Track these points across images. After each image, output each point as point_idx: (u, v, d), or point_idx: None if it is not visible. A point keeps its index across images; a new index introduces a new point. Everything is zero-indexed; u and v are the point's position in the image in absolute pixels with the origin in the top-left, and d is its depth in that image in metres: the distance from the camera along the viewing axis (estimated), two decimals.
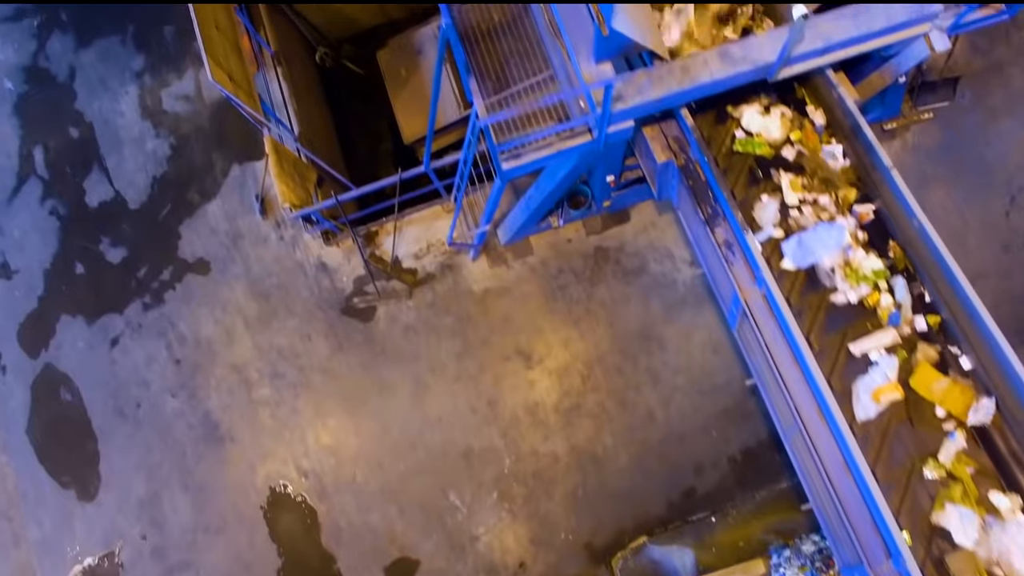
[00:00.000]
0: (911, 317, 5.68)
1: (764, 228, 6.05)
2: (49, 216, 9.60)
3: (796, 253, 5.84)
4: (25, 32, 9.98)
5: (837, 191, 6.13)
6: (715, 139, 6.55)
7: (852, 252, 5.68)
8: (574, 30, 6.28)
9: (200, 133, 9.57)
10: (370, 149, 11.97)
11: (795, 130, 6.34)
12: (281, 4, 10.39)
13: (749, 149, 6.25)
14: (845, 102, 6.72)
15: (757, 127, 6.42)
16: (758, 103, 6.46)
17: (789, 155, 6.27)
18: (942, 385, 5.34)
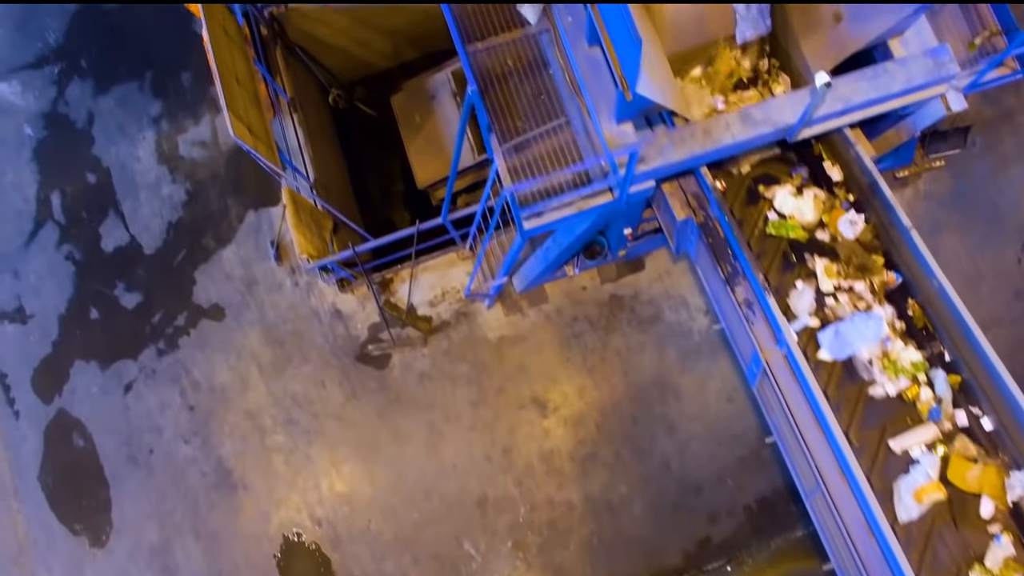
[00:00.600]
0: (952, 412, 5.65)
1: (800, 317, 6.00)
2: (65, 261, 9.63)
3: (833, 344, 5.78)
4: (46, 79, 10.08)
5: (872, 277, 6.08)
6: (747, 220, 6.54)
7: (890, 343, 5.66)
8: (594, 88, 6.35)
9: (216, 179, 9.63)
10: (383, 191, 12.03)
11: (827, 212, 6.35)
12: (297, 49, 10.51)
13: (783, 232, 6.25)
14: (863, 160, 6.78)
15: (790, 209, 6.42)
16: (791, 184, 6.49)
17: (823, 238, 6.28)
18: (975, 473, 5.30)
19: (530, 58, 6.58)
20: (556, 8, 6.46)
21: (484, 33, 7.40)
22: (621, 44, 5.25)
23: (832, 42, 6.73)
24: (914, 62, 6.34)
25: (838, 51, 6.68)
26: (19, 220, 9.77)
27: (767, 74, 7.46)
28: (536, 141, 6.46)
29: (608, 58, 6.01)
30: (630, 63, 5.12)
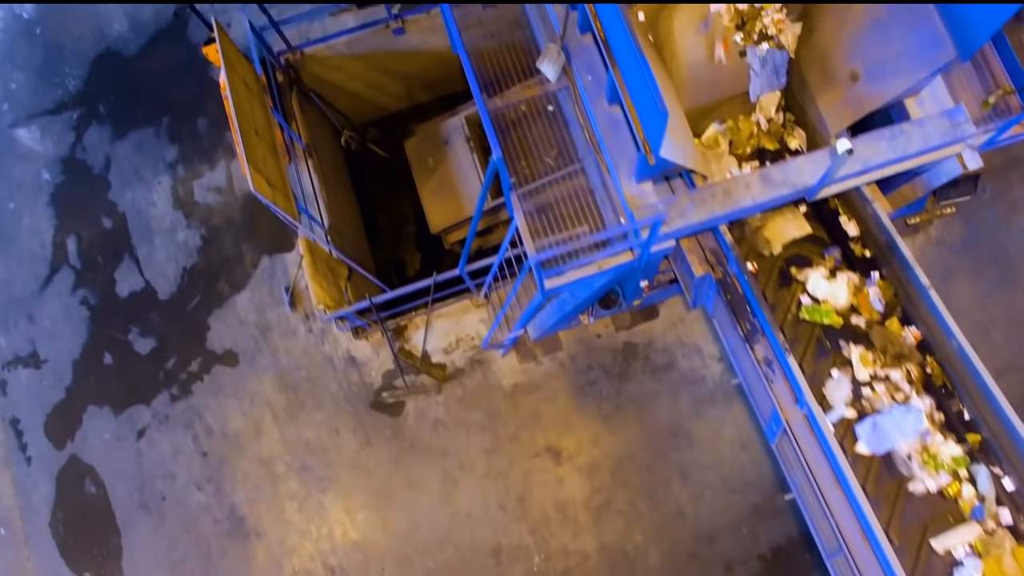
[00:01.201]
0: (995, 510, 5.61)
1: (836, 407, 5.96)
2: (80, 305, 9.65)
3: (871, 438, 5.74)
4: (65, 124, 10.16)
5: (908, 365, 6.06)
6: (780, 304, 6.51)
7: (930, 437, 5.64)
8: (614, 146, 6.40)
9: (231, 224, 9.68)
10: (394, 231, 12.08)
11: (858, 295, 6.36)
12: (311, 93, 10.60)
13: (816, 318, 6.24)
14: (880, 218, 6.82)
15: (823, 293, 6.38)
16: (823, 267, 6.49)
17: (858, 324, 6.27)
18: (1012, 567, 5.26)
19: (550, 115, 6.64)
20: (576, 66, 6.53)
21: (504, 88, 7.51)
22: (645, 112, 5.30)
23: (849, 101, 6.80)
24: (931, 123, 6.40)
25: (855, 110, 6.75)
26: (35, 265, 9.80)
27: (782, 127, 7.55)
28: (556, 198, 6.51)
29: (629, 120, 6.07)
30: (654, 131, 5.17)
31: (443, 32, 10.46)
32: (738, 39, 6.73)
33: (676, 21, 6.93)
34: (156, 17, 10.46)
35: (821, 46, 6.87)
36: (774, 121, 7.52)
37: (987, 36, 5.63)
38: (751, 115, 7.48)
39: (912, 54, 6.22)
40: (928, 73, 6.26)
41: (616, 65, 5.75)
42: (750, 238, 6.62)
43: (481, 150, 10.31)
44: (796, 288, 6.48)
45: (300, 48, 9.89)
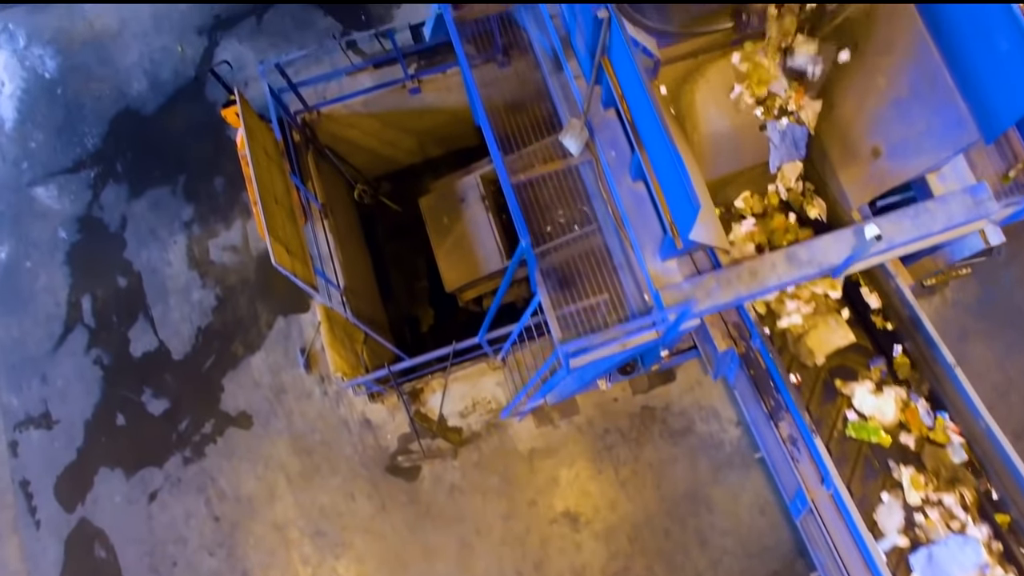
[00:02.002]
0: None
1: (888, 535, 5.80)
2: (93, 365, 9.61)
3: (927, 571, 5.56)
4: (82, 183, 10.21)
5: (962, 489, 5.92)
6: (825, 420, 6.35)
7: (989, 571, 5.54)
8: (638, 223, 6.40)
9: (246, 284, 9.67)
10: (407, 286, 12.08)
11: (906, 410, 6.29)
12: (326, 150, 10.67)
13: (864, 436, 6.11)
14: (903, 293, 6.80)
15: (870, 409, 6.25)
16: (869, 380, 6.43)
17: (908, 443, 6.19)
18: None
19: (572, 189, 6.66)
20: (599, 142, 6.56)
21: (521, 147, 7.55)
22: (675, 201, 5.31)
23: (871, 176, 6.81)
24: (954, 200, 6.40)
25: (877, 185, 6.76)
26: (50, 324, 9.78)
27: (802, 196, 7.56)
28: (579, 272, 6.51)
29: (654, 197, 6.09)
30: (684, 220, 5.17)
31: (458, 91, 10.57)
32: (758, 114, 6.79)
33: (698, 94, 6.99)
34: (175, 77, 10.55)
35: (842, 121, 6.91)
36: (793, 190, 7.54)
37: (1012, 121, 5.65)
38: (771, 184, 7.52)
39: (935, 134, 6.24)
40: (951, 153, 6.29)
41: (643, 148, 5.77)
42: (792, 347, 6.58)
43: (496, 208, 10.34)
44: (841, 402, 6.33)
45: (317, 108, 9.97)
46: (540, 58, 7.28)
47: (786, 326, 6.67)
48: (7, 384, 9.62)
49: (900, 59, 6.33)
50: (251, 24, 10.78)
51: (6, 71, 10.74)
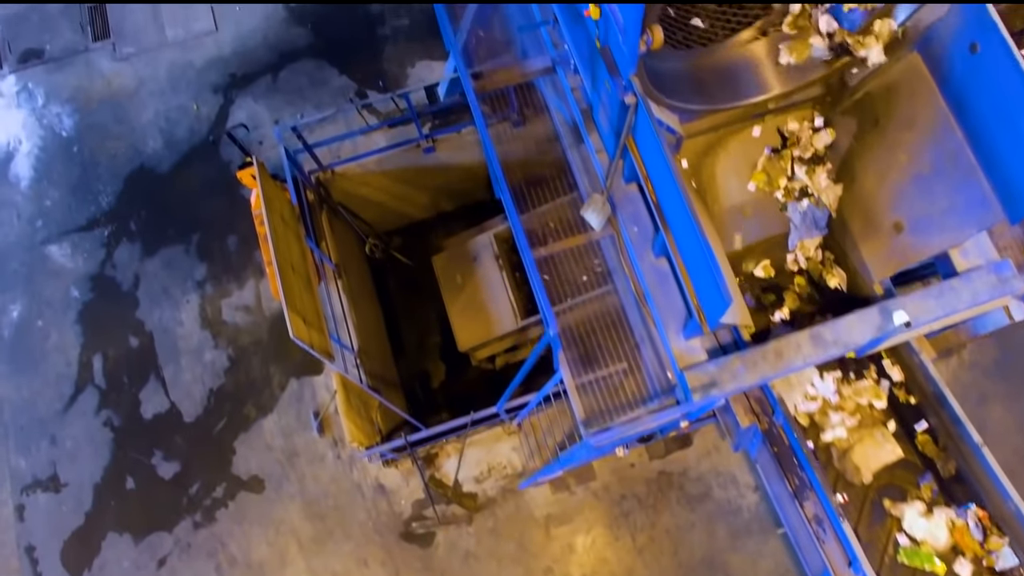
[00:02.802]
0: None
1: None
2: (103, 427, 9.51)
3: None
4: (96, 241, 10.20)
5: None
6: (875, 543, 6.13)
7: None
8: (661, 300, 6.35)
9: (259, 345, 9.61)
10: (419, 341, 12.01)
11: (955, 531, 6.14)
12: (339, 207, 10.68)
13: (917, 563, 5.79)
14: (927, 369, 6.73)
15: (922, 533, 6.03)
16: (919, 500, 6.28)
17: (963, 572, 6.04)
18: None
19: (594, 265, 6.63)
20: (621, 216, 6.54)
21: (537, 205, 7.55)
22: (704, 290, 5.27)
23: (893, 250, 6.77)
24: (978, 278, 6.35)
25: (900, 260, 6.72)
26: (60, 384, 9.70)
27: (821, 265, 7.52)
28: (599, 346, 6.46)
29: (679, 277, 6.05)
30: (713, 310, 5.12)
31: (471, 149, 10.62)
32: (779, 196, 6.78)
33: (719, 166, 7.00)
34: (190, 135, 10.61)
35: (863, 194, 6.89)
36: (812, 259, 7.50)
37: None
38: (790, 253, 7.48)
39: (958, 212, 6.22)
40: (974, 232, 6.26)
41: (668, 229, 5.75)
42: (838, 464, 6.47)
43: (510, 267, 10.32)
44: (891, 524, 6.14)
45: (331, 167, 10.00)
46: (559, 127, 7.31)
47: (830, 440, 6.49)
48: (16, 446, 9.51)
49: (922, 136, 6.33)
50: (266, 82, 10.86)
51: (24, 129, 10.81)
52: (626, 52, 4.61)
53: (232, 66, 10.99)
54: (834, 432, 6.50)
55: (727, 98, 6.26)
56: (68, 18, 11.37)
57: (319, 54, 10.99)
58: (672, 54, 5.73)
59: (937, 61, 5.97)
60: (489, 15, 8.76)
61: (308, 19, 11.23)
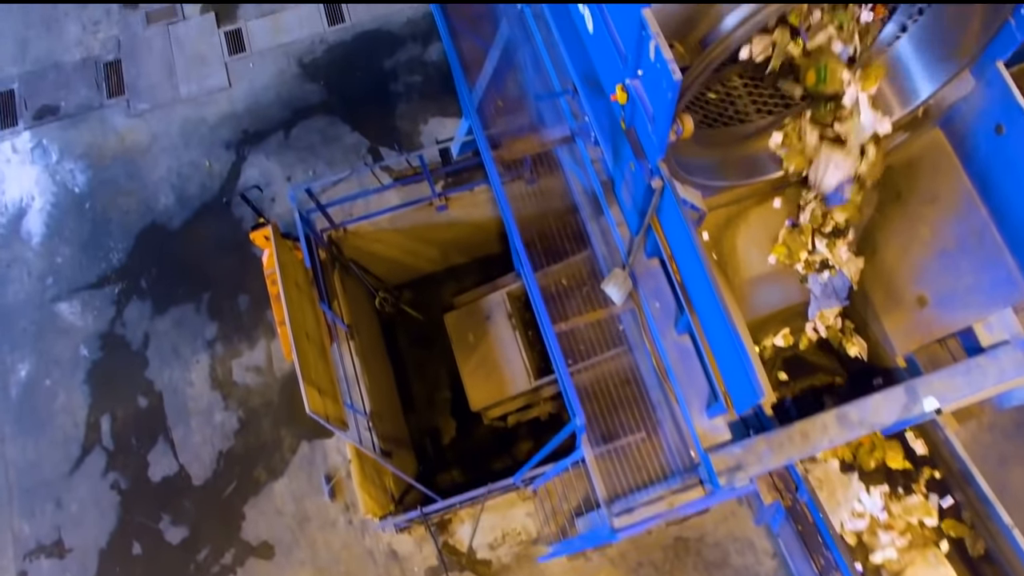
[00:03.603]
0: None
1: None
2: (110, 490, 9.36)
3: None
4: (106, 299, 10.14)
5: None
6: None
7: None
8: (683, 378, 6.27)
9: (269, 407, 9.50)
10: (428, 396, 11.89)
11: None
12: (350, 263, 10.63)
13: None
14: (953, 445, 6.64)
15: None
16: None
17: None
18: None
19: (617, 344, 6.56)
20: (643, 292, 6.48)
21: (552, 263, 7.49)
22: (733, 378, 5.18)
23: (917, 324, 6.71)
24: (1005, 356, 6.26)
25: (923, 335, 6.66)
26: (67, 446, 9.57)
27: (841, 334, 7.45)
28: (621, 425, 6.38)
29: (703, 357, 5.97)
30: (742, 398, 5.03)
31: (484, 206, 10.60)
32: (799, 268, 6.72)
33: (739, 239, 6.96)
34: (202, 191, 10.60)
35: (885, 266, 6.84)
36: (832, 327, 7.44)
37: None
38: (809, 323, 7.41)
39: (983, 290, 6.16)
40: (1000, 309, 6.20)
41: (693, 311, 5.68)
42: None
43: (523, 326, 10.24)
44: None
45: (343, 225, 9.97)
46: (577, 197, 7.27)
47: (880, 562, 6.34)
48: (20, 510, 9.36)
49: (945, 211, 6.29)
50: (279, 139, 10.88)
51: (37, 186, 10.81)
52: (655, 141, 4.58)
53: (244, 122, 11.02)
54: (884, 553, 6.34)
55: (749, 174, 6.24)
56: (84, 75, 11.43)
57: (331, 111, 11.03)
58: (697, 134, 5.70)
59: (960, 139, 5.96)
60: (505, 79, 8.79)
61: (320, 76, 11.29)
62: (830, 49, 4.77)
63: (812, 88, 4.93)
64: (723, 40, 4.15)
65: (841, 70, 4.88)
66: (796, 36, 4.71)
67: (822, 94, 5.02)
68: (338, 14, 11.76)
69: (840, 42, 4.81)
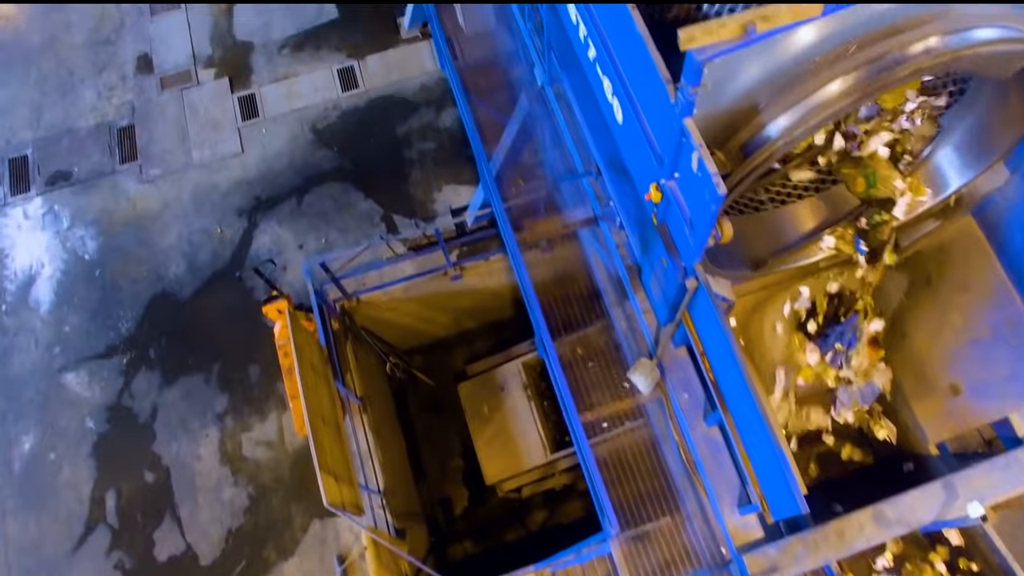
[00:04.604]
0: None
1: None
2: (114, 570, 9.07)
3: None
4: (114, 369, 9.97)
5: None
6: None
7: None
8: (714, 471, 6.09)
9: (280, 483, 9.26)
10: (440, 464, 11.65)
11: None
12: (361, 331, 10.49)
13: None
14: (991, 538, 6.41)
15: None
16: None
17: None
18: None
19: (644, 437, 6.39)
20: (670, 382, 6.33)
21: (569, 332, 7.33)
22: (771, 487, 5.01)
23: (950, 413, 6.54)
24: None
25: (957, 424, 6.48)
26: (70, 522, 9.31)
27: (868, 416, 7.27)
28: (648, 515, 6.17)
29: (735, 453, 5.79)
30: (780, 507, 4.85)
31: (499, 275, 10.50)
32: (828, 382, 6.58)
33: (767, 323, 6.83)
34: (213, 259, 10.50)
35: (915, 352, 6.69)
36: (860, 411, 7.26)
37: None
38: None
39: (1020, 379, 6.01)
40: None
41: (727, 411, 5.51)
42: None
43: (538, 397, 10.06)
44: None
45: (356, 295, 9.85)
46: (600, 283, 7.16)
47: None
48: None
49: (978, 299, 6.16)
50: (291, 206, 10.81)
51: (48, 252, 10.70)
52: (693, 246, 4.45)
53: (257, 188, 10.97)
54: None
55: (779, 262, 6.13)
56: (97, 141, 11.42)
57: (344, 177, 10.99)
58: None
59: (994, 228, 5.86)
60: (523, 153, 8.75)
61: (334, 142, 11.28)
62: (879, 155, 4.69)
63: (862, 194, 4.83)
64: (767, 148, 4.04)
65: (894, 177, 4.79)
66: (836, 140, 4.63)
67: (873, 199, 4.91)
68: (352, 80, 11.79)
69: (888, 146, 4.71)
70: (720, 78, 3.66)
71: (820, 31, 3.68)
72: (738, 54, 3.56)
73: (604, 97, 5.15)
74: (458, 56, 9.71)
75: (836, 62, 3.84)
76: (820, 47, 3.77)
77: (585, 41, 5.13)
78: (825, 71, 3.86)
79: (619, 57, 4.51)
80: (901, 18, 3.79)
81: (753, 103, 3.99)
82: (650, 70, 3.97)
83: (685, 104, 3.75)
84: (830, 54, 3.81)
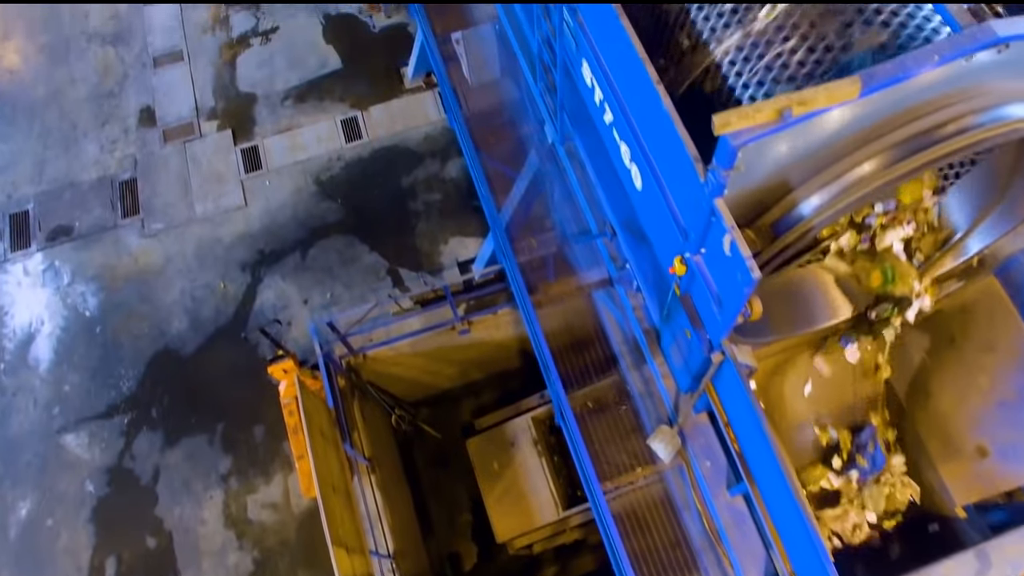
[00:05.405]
0: None
1: None
2: None
3: None
4: (115, 430, 9.76)
5: None
6: None
7: None
8: (739, 541, 5.91)
9: (286, 547, 9.02)
10: (448, 519, 11.38)
11: None
12: (367, 385, 10.31)
13: None
14: None
15: None
16: None
17: None
18: None
19: (665, 502, 6.21)
20: (691, 449, 6.16)
21: (580, 385, 7.15)
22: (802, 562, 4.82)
23: (977, 476, 6.36)
24: None
25: (985, 487, 6.30)
26: None
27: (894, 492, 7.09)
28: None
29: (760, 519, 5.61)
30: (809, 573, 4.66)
31: (507, 327, 10.36)
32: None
33: (786, 385, 6.68)
34: (216, 315, 10.35)
35: (940, 413, 6.54)
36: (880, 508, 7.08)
37: None
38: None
39: None
40: None
41: (754, 484, 5.34)
42: None
43: (548, 452, 9.86)
44: None
45: (363, 351, 9.69)
46: (616, 346, 7.01)
47: None
48: None
49: (1004, 360, 6.03)
50: (295, 260, 10.70)
51: (47, 309, 10.55)
52: (721, 323, 4.32)
53: (260, 242, 10.86)
54: None
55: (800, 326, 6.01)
56: (99, 195, 11.33)
57: (349, 230, 10.89)
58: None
59: (1018, 288, 5.75)
60: (533, 208, 8.67)
61: (338, 193, 11.21)
62: (894, 251, 4.60)
63: (877, 289, 4.72)
64: (800, 227, 3.94)
65: (913, 275, 4.69)
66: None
67: (890, 296, 4.81)
68: (356, 131, 11.76)
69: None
70: (752, 160, 3.57)
71: (854, 112, 3.60)
72: (772, 137, 3.47)
73: (621, 162, 5.04)
74: (464, 108, 9.67)
75: (870, 141, 3.76)
76: (854, 127, 3.69)
77: (601, 105, 5.05)
78: (859, 150, 3.78)
79: (640, 128, 4.41)
80: (935, 96, 3.71)
81: (785, 182, 3.89)
82: (677, 147, 3.88)
83: (716, 185, 3.65)
84: (864, 133, 3.73)
